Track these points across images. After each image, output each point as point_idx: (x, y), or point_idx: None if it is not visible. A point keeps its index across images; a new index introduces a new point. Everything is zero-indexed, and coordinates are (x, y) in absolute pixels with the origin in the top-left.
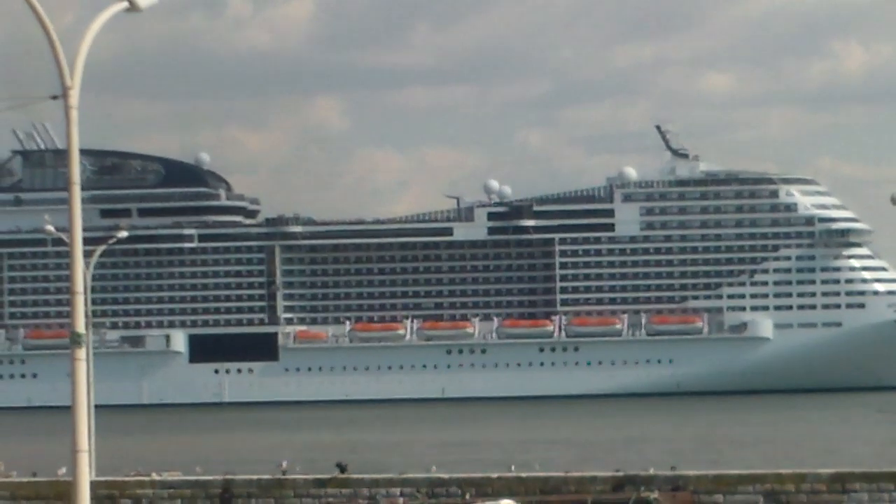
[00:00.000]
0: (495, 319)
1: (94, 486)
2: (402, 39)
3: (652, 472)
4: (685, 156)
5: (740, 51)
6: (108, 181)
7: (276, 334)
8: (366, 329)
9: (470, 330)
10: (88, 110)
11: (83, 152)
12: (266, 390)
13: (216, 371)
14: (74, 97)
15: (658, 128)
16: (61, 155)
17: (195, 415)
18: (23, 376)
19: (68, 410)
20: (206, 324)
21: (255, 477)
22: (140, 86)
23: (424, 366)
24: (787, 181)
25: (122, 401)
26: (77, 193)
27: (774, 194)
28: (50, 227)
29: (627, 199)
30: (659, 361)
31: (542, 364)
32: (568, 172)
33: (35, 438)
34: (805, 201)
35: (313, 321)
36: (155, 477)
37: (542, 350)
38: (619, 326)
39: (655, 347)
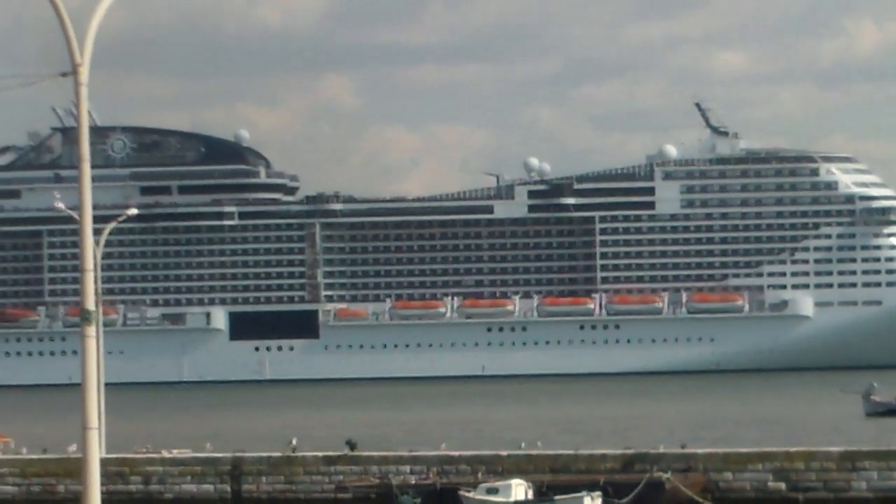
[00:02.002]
0: (536, 297)
1: (104, 463)
2: (413, 17)
3: (662, 449)
4: (725, 133)
5: (752, 29)
6: (147, 158)
7: (316, 312)
8: (406, 307)
9: (510, 308)
10: (115, 88)
11: (123, 130)
12: (306, 368)
13: (257, 348)
14: (84, 74)
15: (697, 105)
16: (101, 132)
17: (232, 392)
18: (63, 353)
19: (107, 388)
20: (246, 301)
21: (264, 454)
22: (151, 63)
23: (465, 343)
24: (827, 159)
25: (163, 378)
26: (87, 170)
27: (815, 172)
28: (60, 205)
29: (668, 177)
30: (699, 339)
31: (582, 342)
32: (579, 150)
33: (60, 415)
34: (846, 179)
35: (354, 299)
36: (165, 454)
37: (582, 328)
38: (659, 304)
39: (696, 325)
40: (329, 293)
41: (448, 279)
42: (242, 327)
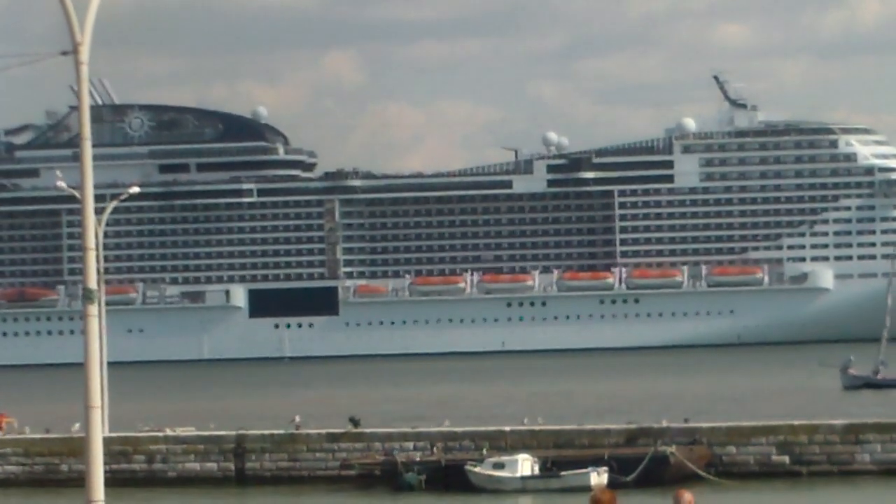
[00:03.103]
0: (555, 272)
1: (108, 441)
2: None
3: (665, 424)
4: (743, 106)
5: (755, 1)
6: (166, 136)
7: (336, 288)
8: (426, 282)
9: (530, 283)
10: (114, 66)
11: (141, 108)
12: (326, 344)
13: (276, 326)
14: (85, 53)
15: (716, 78)
16: (119, 110)
17: (250, 370)
18: (82, 332)
19: (126, 366)
20: (266, 278)
21: (268, 432)
22: (152, 41)
23: (485, 319)
24: (846, 131)
25: (183, 356)
26: (88, 149)
27: (834, 144)
28: (62, 184)
29: (687, 150)
30: (719, 313)
31: (602, 316)
32: (583, 125)
33: (73, 394)
34: (865, 151)
35: (373, 275)
36: (168, 432)
37: (602, 302)
38: (679, 278)
39: (716, 299)
40: (348, 269)
41: (467, 254)
42: (262, 305)
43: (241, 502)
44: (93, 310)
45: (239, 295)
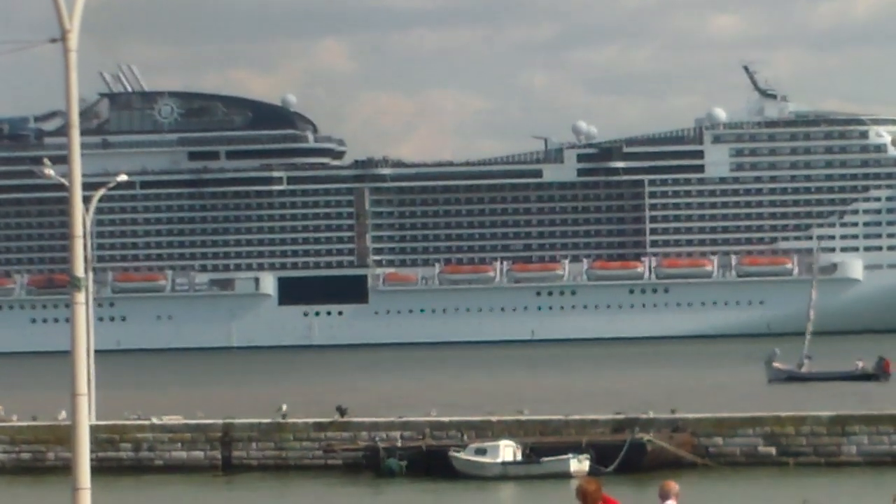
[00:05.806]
0: (585, 261)
1: (94, 430)
2: None
3: (651, 414)
4: (773, 96)
5: None
6: (195, 124)
7: (365, 276)
8: (455, 271)
9: (559, 272)
10: (105, 53)
11: (171, 95)
12: (355, 332)
13: (305, 314)
14: (73, 40)
15: (746, 68)
16: (149, 97)
17: (280, 357)
18: (112, 319)
19: (157, 353)
20: (295, 266)
21: (255, 421)
22: (143, 29)
23: (514, 308)
24: (877, 122)
25: (212, 343)
26: (76, 137)
27: (864, 135)
28: (49, 171)
29: (717, 140)
30: (749, 303)
31: (632, 306)
32: (576, 115)
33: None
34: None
35: (402, 263)
36: (155, 421)
37: (631, 292)
38: (709, 268)
39: (745, 289)
40: (378, 258)
41: (497, 243)
42: (291, 292)
43: (227, 490)
44: (79, 297)
45: (268, 282)
